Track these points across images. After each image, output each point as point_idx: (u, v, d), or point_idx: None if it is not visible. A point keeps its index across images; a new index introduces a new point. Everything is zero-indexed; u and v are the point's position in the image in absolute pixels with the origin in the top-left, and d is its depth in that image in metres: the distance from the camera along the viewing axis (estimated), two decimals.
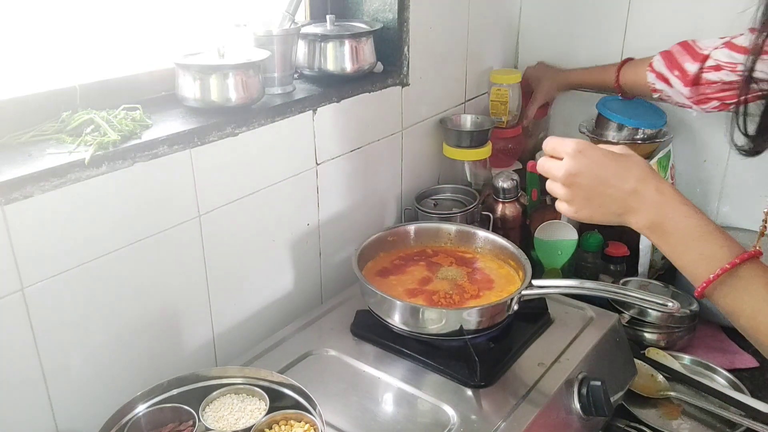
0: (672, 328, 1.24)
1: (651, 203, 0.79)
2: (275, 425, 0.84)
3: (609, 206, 0.81)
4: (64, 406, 0.87)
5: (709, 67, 1.22)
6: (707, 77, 1.23)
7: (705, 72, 1.23)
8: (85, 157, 0.81)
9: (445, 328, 0.98)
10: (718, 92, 1.22)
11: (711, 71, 1.22)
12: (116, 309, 0.90)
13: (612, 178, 0.81)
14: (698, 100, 1.26)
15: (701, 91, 1.24)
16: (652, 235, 0.81)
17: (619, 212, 0.81)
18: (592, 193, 0.82)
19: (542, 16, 1.66)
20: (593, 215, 0.83)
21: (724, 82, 1.20)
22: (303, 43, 1.19)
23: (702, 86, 1.24)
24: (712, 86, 1.22)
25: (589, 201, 0.82)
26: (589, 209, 0.83)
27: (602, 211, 0.82)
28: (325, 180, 1.20)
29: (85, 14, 0.95)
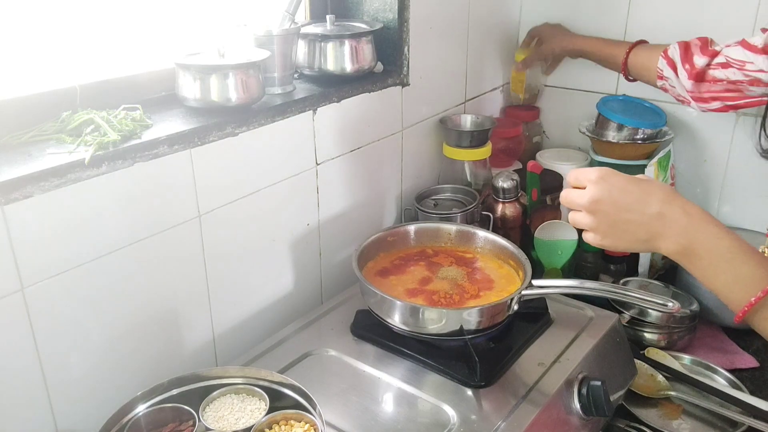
0: (672, 328, 1.24)
1: (678, 226, 0.76)
2: (275, 425, 0.84)
3: (634, 232, 0.79)
4: (64, 406, 0.87)
5: (718, 63, 1.20)
6: (713, 74, 1.20)
7: (712, 69, 1.20)
8: (85, 157, 0.81)
9: (445, 328, 0.98)
10: (722, 92, 1.20)
11: (718, 68, 1.19)
12: (116, 309, 0.90)
13: (635, 203, 0.79)
14: (699, 98, 1.25)
15: (704, 89, 1.22)
16: (683, 259, 0.77)
17: (645, 238, 0.78)
18: (616, 220, 0.80)
19: (543, 16, 1.66)
20: (618, 243, 0.80)
21: (729, 81, 1.18)
22: (303, 43, 1.19)
23: (706, 83, 1.22)
24: (717, 84, 1.20)
25: (612, 228, 0.80)
26: (614, 237, 0.80)
27: (628, 237, 0.79)
28: (325, 180, 1.20)
29: (85, 14, 0.95)
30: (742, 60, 1.15)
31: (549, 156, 1.62)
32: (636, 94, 1.54)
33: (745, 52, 1.15)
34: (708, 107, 1.25)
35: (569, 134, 1.68)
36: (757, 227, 1.45)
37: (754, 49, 1.12)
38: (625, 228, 0.79)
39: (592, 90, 1.62)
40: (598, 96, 1.55)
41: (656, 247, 0.78)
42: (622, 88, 1.57)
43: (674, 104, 1.49)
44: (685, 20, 1.43)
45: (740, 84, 1.15)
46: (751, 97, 1.16)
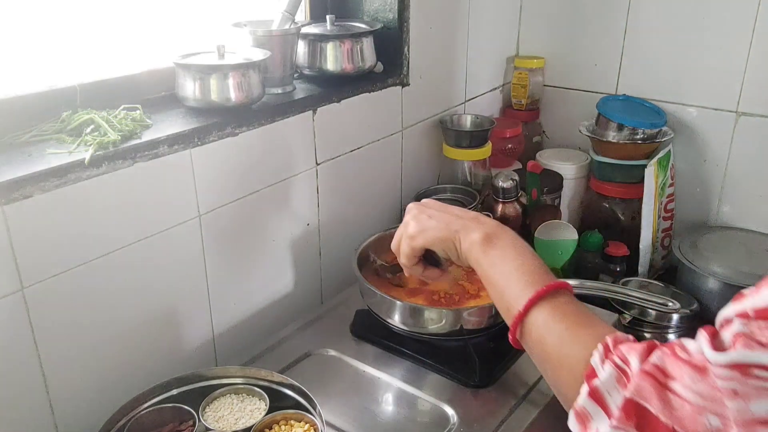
0: (672, 328, 1.24)
1: (489, 224, 0.80)
2: (275, 425, 0.84)
3: (449, 221, 0.81)
4: (64, 406, 0.87)
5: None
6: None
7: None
8: (85, 157, 0.81)
9: (445, 328, 0.98)
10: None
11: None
12: (116, 309, 0.90)
13: (456, 209, 0.84)
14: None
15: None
16: (479, 247, 0.77)
17: (455, 228, 0.80)
18: (435, 213, 0.83)
19: (543, 15, 1.66)
20: (429, 228, 0.81)
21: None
22: (303, 43, 1.18)
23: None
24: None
25: (429, 218, 0.83)
26: (428, 223, 0.82)
27: (441, 226, 0.81)
28: (325, 180, 1.20)
29: (86, 14, 0.95)
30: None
31: (549, 156, 1.62)
32: (636, 94, 1.54)
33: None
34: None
35: (569, 134, 1.68)
36: (757, 227, 1.45)
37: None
38: (440, 218, 0.82)
39: (592, 90, 1.62)
40: (598, 96, 1.55)
41: (461, 237, 0.79)
42: (622, 88, 1.57)
43: (674, 104, 1.49)
44: (682, 25, 1.43)
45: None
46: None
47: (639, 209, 1.44)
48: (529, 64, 1.66)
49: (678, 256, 1.37)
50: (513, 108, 1.72)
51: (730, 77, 1.40)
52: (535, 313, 0.68)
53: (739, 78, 1.39)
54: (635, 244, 1.45)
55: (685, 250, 1.38)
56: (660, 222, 1.49)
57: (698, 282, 1.31)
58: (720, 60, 1.41)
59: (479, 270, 0.77)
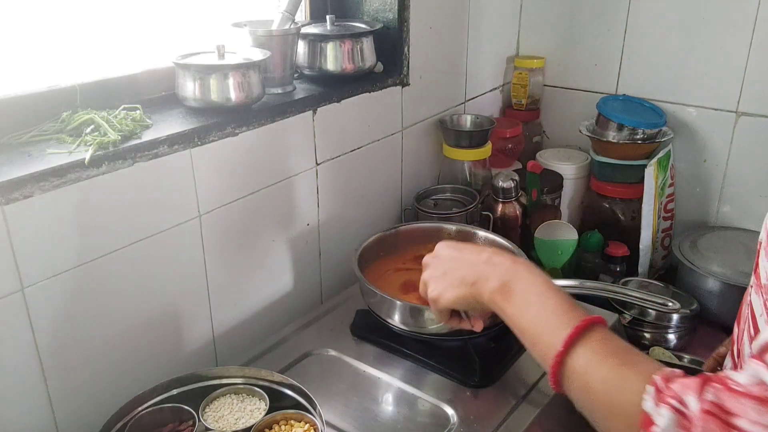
0: (672, 328, 1.24)
1: (503, 267, 0.77)
2: (275, 425, 0.84)
3: (463, 277, 0.79)
4: (64, 406, 0.87)
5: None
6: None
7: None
8: (85, 157, 0.80)
9: (445, 328, 0.98)
10: None
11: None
12: (116, 309, 0.90)
13: (468, 252, 0.82)
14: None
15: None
16: (500, 296, 0.75)
17: (472, 281, 0.78)
18: (449, 267, 0.82)
19: (543, 15, 1.66)
20: (446, 288, 0.81)
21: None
22: (303, 43, 1.18)
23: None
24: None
25: (444, 275, 0.82)
26: (444, 282, 0.81)
27: (456, 283, 0.80)
28: (325, 180, 1.20)
29: (85, 13, 0.95)
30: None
31: (549, 156, 1.62)
32: (636, 94, 1.54)
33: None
34: None
35: (569, 134, 1.68)
36: (757, 227, 1.44)
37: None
38: (454, 274, 0.81)
39: (592, 90, 1.62)
40: (598, 96, 1.55)
41: (480, 290, 0.77)
42: (622, 88, 1.57)
43: (674, 104, 1.49)
44: (682, 24, 1.43)
45: None
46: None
47: (639, 209, 1.44)
48: (529, 64, 1.66)
49: (678, 256, 1.37)
50: (513, 108, 1.72)
51: (730, 77, 1.40)
52: (573, 358, 0.64)
53: (739, 78, 1.39)
54: (635, 244, 1.45)
55: (685, 250, 1.38)
56: (660, 222, 1.49)
57: (698, 282, 1.32)
58: (720, 60, 1.41)
59: (506, 320, 0.75)
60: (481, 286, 0.77)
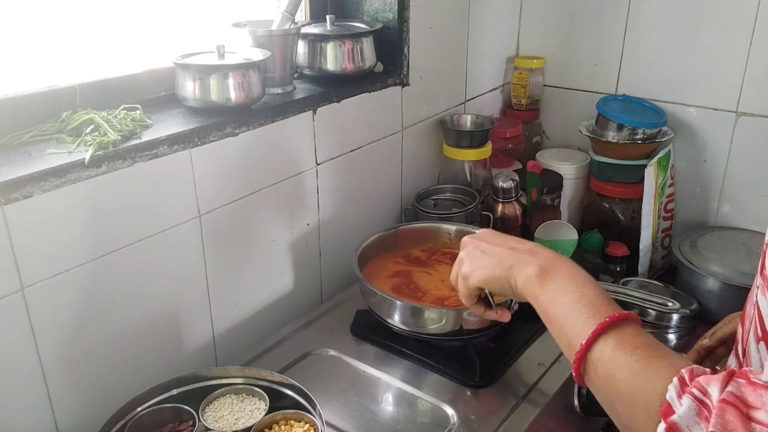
0: (672, 328, 1.24)
1: (544, 257, 0.76)
2: (275, 425, 0.84)
3: (502, 258, 0.78)
4: (64, 406, 0.87)
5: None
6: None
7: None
8: (85, 157, 0.81)
9: (445, 328, 0.98)
10: None
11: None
12: (116, 309, 0.90)
13: (511, 240, 0.81)
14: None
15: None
16: (536, 281, 0.73)
17: (510, 264, 0.76)
18: (489, 248, 0.81)
19: (543, 15, 1.66)
20: (483, 266, 0.79)
21: None
22: (303, 43, 1.18)
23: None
24: None
25: (483, 255, 0.80)
26: (482, 261, 0.80)
27: (494, 263, 0.78)
28: (325, 180, 1.20)
29: (85, 13, 0.95)
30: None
31: (549, 156, 1.62)
32: (636, 94, 1.54)
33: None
34: None
35: (569, 134, 1.68)
36: (758, 227, 1.45)
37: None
38: (493, 255, 0.79)
39: (592, 90, 1.62)
40: (598, 96, 1.55)
41: (516, 274, 0.75)
42: (622, 88, 1.57)
43: (674, 104, 1.49)
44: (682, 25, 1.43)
45: None
46: None
47: (639, 209, 1.44)
48: (529, 64, 1.66)
49: (678, 256, 1.37)
50: (513, 108, 1.72)
51: (730, 77, 1.40)
52: (600, 346, 0.63)
53: (739, 78, 1.39)
54: (635, 244, 1.45)
55: (685, 250, 1.38)
56: (660, 222, 1.49)
57: (698, 282, 1.31)
58: (720, 60, 1.41)
59: (537, 306, 0.73)
60: (518, 270, 0.75)
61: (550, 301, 0.71)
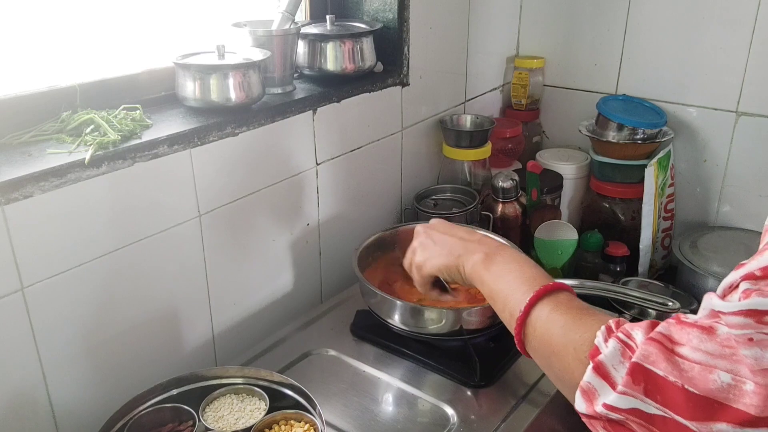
0: None
1: (491, 244, 0.82)
2: (275, 425, 0.84)
3: (452, 247, 0.84)
4: (65, 406, 0.87)
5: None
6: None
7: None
8: (85, 157, 0.81)
9: (445, 328, 0.98)
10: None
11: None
12: (116, 309, 0.90)
13: (461, 230, 0.88)
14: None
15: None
16: (481, 266, 0.79)
17: (459, 253, 0.83)
18: (439, 238, 0.87)
19: (543, 15, 1.66)
20: (434, 256, 0.85)
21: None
22: (303, 43, 1.18)
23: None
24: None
25: (434, 245, 0.86)
26: (433, 250, 0.86)
27: (445, 252, 0.84)
28: (325, 180, 1.20)
29: (86, 13, 0.95)
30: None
31: (549, 156, 1.62)
32: (636, 94, 1.54)
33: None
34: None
35: (569, 134, 1.68)
36: (757, 227, 1.45)
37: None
38: (444, 245, 0.85)
39: (592, 90, 1.62)
40: (598, 96, 1.55)
41: (464, 261, 0.81)
42: (622, 88, 1.57)
43: (674, 104, 1.49)
44: (682, 25, 1.43)
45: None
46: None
47: (639, 209, 1.44)
48: (529, 64, 1.67)
49: (678, 256, 1.37)
50: (513, 108, 1.72)
51: (730, 77, 1.40)
52: (537, 310, 0.68)
53: (739, 78, 1.39)
54: (635, 244, 1.45)
55: (685, 250, 1.38)
56: (660, 222, 1.49)
57: (698, 282, 1.31)
58: (720, 60, 1.41)
59: (482, 288, 0.79)
60: (465, 258, 0.81)
61: (494, 280, 0.77)
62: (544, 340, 0.66)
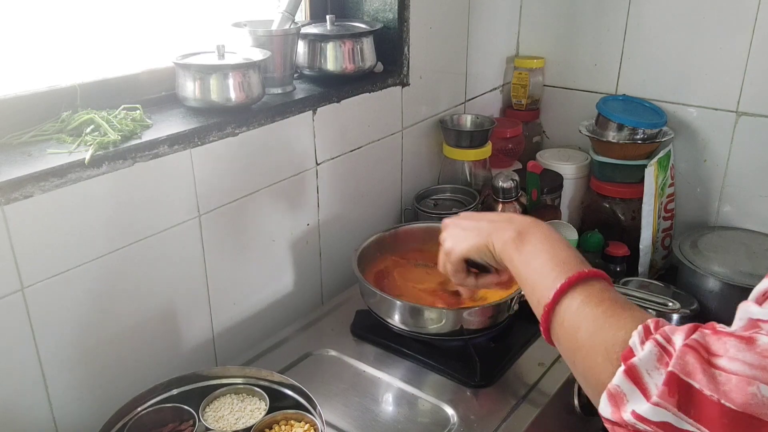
0: None
1: (522, 221, 0.78)
2: (275, 425, 0.84)
3: (481, 227, 0.80)
4: (64, 406, 0.87)
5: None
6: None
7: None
8: (85, 157, 0.81)
9: (445, 328, 0.98)
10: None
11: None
12: (116, 309, 0.90)
13: (489, 214, 0.84)
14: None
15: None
16: (512, 245, 0.75)
17: (488, 232, 0.78)
18: (467, 224, 0.83)
19: (543, 15, 1.66)
20: (463, 239, 0.81)
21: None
22: (303, 43, 1.18)
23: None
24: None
25: (463, 230, 0.82)
26: (462, 235, 0.82)
27: (474, 234, 0.80)
28: (325, 180, 1.20)
29: (86, 13, 0.95)
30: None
31: (549, 156, 1.62)
32: (636, 94, 1.54)
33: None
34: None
35: (569, 134, 1.68)
36: (758, 227, 1.45)
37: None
38: (473, 227, 0.81)
39: (592, 90, 1.62)
40: (598, 96, 1.55)
41: (494, 239, 0.77)
42: (622, 88, 1.57)
43: (674, 104, 1.49)
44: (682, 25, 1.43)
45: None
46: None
47: (639, 209, 1.44)
48: (529, 64, 1.66)
49: (678, 256, 1.37)
50: (513, 108, 1.72)
51: (730, 77, 1.40)
52: (568, 300, 0.64)
53: (739, 78, 1.39)
54: (635, 244, 1.44)
55: (685, 250, 1.38)
56: (660, 222, 1.49)
57: (698, 282, 1.31)
58: (720, 60, 1.41)
59: (513, 269, 0.75)
60: (496, 236, 0.77)
61: (525, 263, 0.72)
62: (572, 334, 0.62)
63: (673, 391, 0.48)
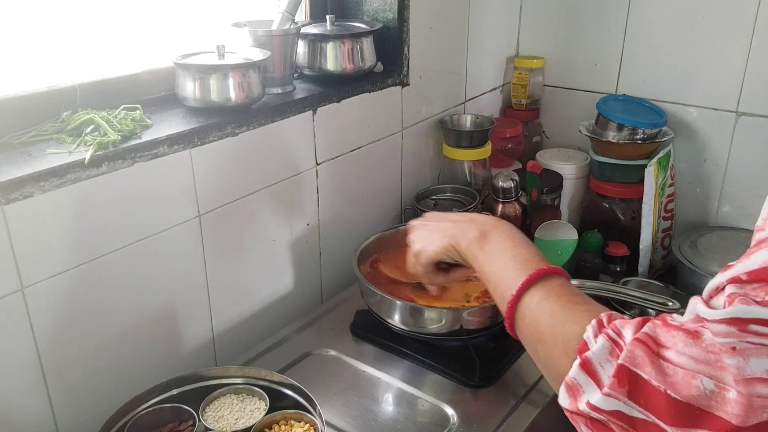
0: None
1: (485, 221, 0.82)
2: (275, 425, 0.84)
3: (446, 229, 0.84)
4: (64, 406, 0.87)
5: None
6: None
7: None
8: (85, 157, 0.81)
9: (445, 328, 0.98)
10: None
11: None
12: (116, 309, 0.90)
13: (453, 214, 0.89)
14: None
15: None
16: (476, 244, 0.79)
17: (453, 233, 0.82)
18: (433, 225, 0.87)
19: (543, 15, 1.66)
20: (430, 242, 0.85)
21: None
22: (303, 43, 1.18)
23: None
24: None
25: (429, 232, 0.87)
26: (428, 237, 0.86)
27: (439, 236, 0.84)
28: (325, 180, 1.20)
29: (86, 13, 0.95)
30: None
31: (549, 156, 1.62)
32: (636, 94, 1.54)
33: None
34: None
35: (569, 134, 1.68)
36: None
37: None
38: (438, 228, 0.86)
39: (592, 90, 1.62)
40: (598, 96, 1.55)
41: (460, 240, 0.81)
42: (622, 88, 1.57)
43: (674, 104, 1.49)
44: (682, 25, 1.43)
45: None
46: None
47: (639, 209, 1.44)
48: (529, 64, 1.66)
49: (678, 256, 1.37)
50: (513, 108, 1.72)
51: (730, 77, 1.40)
52: (529, 296, 0.68)
53: (739, 78, 1.39)
54: (635, 244, 1.44)
55: (685, 250, 1.38)
56: (660, 222, 1.49)
57: (698, 282, 1.31)
58: (720, 60, 1.41)
59: (477, 267, 0.78)
60: (461, 236, 0.81)
61: (489, 262, 0.76)
62: (533, 328, 0.66)
63: (623, 381, 0.51)
